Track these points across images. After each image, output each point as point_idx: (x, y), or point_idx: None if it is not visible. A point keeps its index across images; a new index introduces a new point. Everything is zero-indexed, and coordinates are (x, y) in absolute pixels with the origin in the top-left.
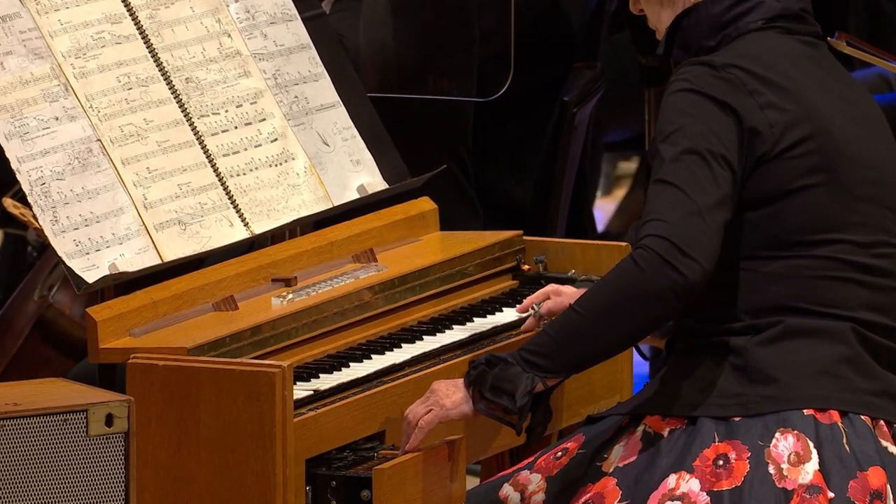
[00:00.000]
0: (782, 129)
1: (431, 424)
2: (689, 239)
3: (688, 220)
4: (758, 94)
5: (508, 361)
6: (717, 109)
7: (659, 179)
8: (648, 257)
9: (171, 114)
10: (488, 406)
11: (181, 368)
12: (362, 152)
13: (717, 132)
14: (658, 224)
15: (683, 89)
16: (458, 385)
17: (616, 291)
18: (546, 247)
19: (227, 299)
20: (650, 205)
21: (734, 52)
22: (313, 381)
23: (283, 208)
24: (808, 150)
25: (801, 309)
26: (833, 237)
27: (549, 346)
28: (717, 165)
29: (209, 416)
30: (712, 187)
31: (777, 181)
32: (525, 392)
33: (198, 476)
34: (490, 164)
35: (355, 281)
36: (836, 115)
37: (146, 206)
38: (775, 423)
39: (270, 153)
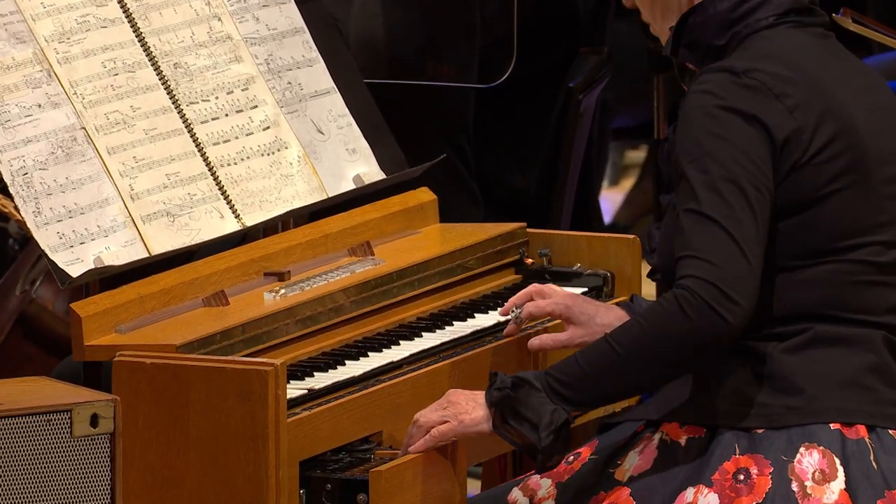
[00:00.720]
0: (812, 131)
1: (445, 437)
2: (734, 283)
3: (732, 262)
4: (785, 96)
5: (534, 386)
6: (746, 125)
7: (694, 210)
8: (695, 304)
9: (159, 101)
10: (508, 432)
11: (169, 366)
12: (358, 141)
13: (748, 153)
14: (701, 265)
15: (707, 104)
16: (479, 401)
17: (658, 335)
18: (550, 239)
19: (218, 294)
20: (688, 240)
21: (753, 54)
22: (307, 379)
23: (275, 199)
24: (837, 153)
25: (831, 316)
26: (862, 240)
27: (579, 379)
28: (753, 192)
29: (199, 417)
30: (751, 221)
31: (808, 188)
32: (550, 429)
33: (187, 479)
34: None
35: (351, 275)
36: (860, 110)
37: (133, 196)
38: (800, 437)
39: (262, 142)
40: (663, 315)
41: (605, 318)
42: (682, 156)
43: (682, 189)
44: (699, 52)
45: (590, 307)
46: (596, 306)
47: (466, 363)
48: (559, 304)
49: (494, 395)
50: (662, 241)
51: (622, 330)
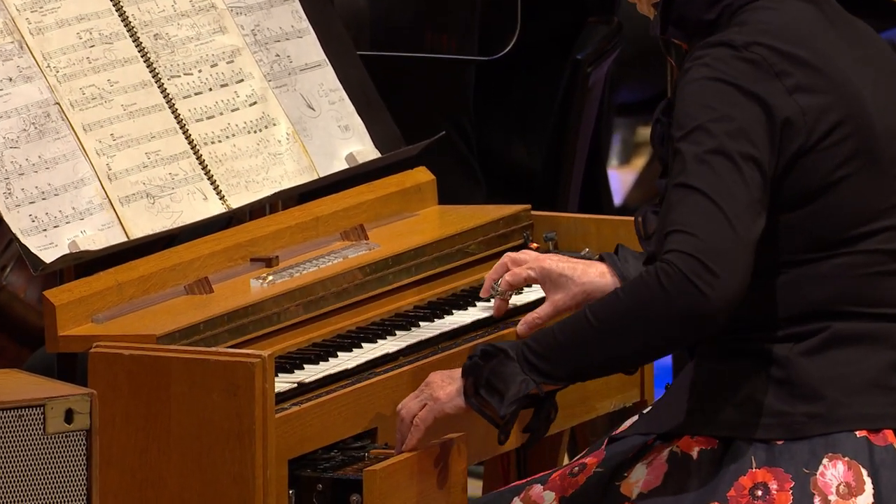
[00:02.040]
0: (816, 114)
1: (427, 422)
2: (718, 255)
3: (717, 233)
4: (785, 75)
5: (509, 355)
6: (744, 100)
7: (681, 184)
8: (673, 275)
9: (138, 74)
10: (480, 403)
11: (149, 358)
12: (351, 117)
13: (745, 129)
14: (683, 238)
15: (703, 77)
16: (454, 376)
17: (633, 308)
18: (557, 222)
19: (201, 281)
20: (673, 213)
21: (751, 28)
22: (297, 372)
23: (262, 180)
24: (845, 135)
25: (848, 312)
26: (875, 227)
27: (553, 350)
28: (746, 167)
29: (181, 412)
30: (742, 193)
31: (815, 176)
32: (514, 399)
33: (168, 479)
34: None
35: (344, 261)
36: (864, 84)
37: (110, 177)
38: (823, 447)
39: (249, 118)
40: (641, 288)
41: (585, 276)
42: (676, 129)
43: (674, 164)
44: (688, 28)
45: (568, 267)
46: (574, 264)
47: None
48: (535, 269)
49: (466, 364)
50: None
51: (601, 302)
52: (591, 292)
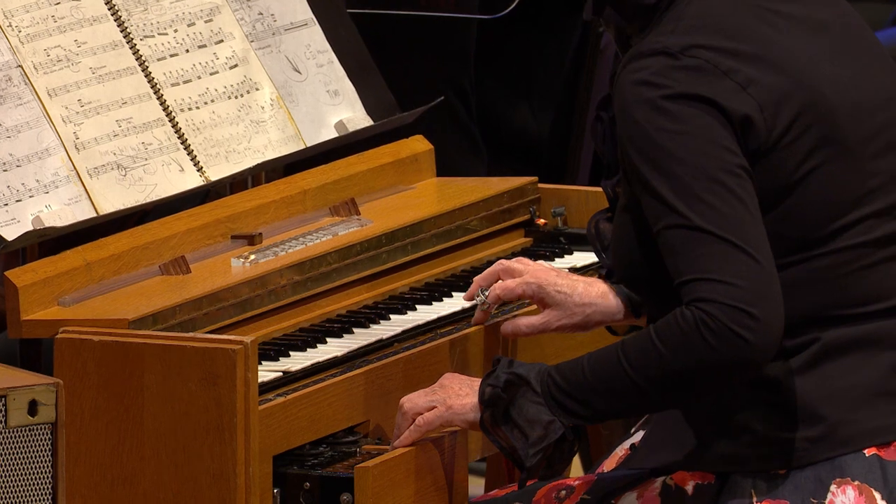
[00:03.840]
0: (773, 108)
1: (431, 426)
2: (755, 297)
3: (746, 275)
4: (734, 72)
5: (532, 387)
6: (699, 111)
7: (679, 226)
8: (717, 329)
9: (108, 34)
10: (500, 439)
11: (121, 345)
12: (341, 81)
13: (711, 139)
14: (713, 287)
15: (648, 99)
16: (474, 387)
17: (678, 364)
18: (566, 196)
19: (177, 261)
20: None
21: (686, 25)
22: (282, 360)
23: (244, 150)
24: (807, 125)
25: (836, 317)
26: (853, 217)
27: (583, 391)
28: (733, 180)
29: (155, 404)
30: (743, 214)
31: (780, 174)
32: (540, 446)
33: (141, 476)
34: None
35: (333, 238)
36: (821, 62)
37: (78, 146)
38: (829, 472)
39: (229, 82)
40: (685, 343)
41: (584, 297)
42: (638, 161)
43: (650, 204)
44: (626, 11)
45: (566, 284)
46: (573, 282)
47: (468, 341)
48: (530, 284)
49: (486, 391)
50: (616, 243)
51: (637, 350)
52: (592, 315)
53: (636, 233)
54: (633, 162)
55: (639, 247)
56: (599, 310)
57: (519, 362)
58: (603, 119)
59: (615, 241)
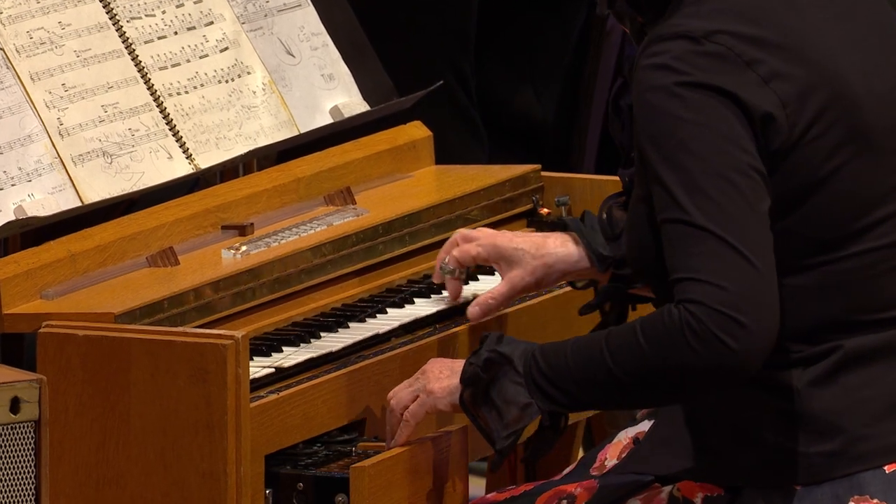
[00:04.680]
0: (797, 104)
1: (418, 417)
2: (745, 303)
3: (740, 279)
4: (757, 63)
5: (515, 367)
6: (718, 104)
7: (679, 220)
8: (700, 333)
9: (94, 15)
10: (478, 418)
11: (107, 339)
12: (336, 65)
13: (727, 135)
14: (703, 288)
15: (667, 85)
16: (455, 368)
17: (659, 363)
18: (571, 184)
19: (166, 252)
20: (681, 259)
21: (709, 8)
22: (275, 355)
23: (235, 136)
24: (831, 121)
25: (859, 323)
26: (878, 215)
27: (564, 379)
28: (743, 181)
29: (142, 401)
30: (748, 216)
31: (804, 173)
32: (514, 427)
33: (128, 476)
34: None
35: (328, 229)
36: (846, 49)
37: (62, 132)
38: (847, 489)
39: (219, 66)
40: (667, 342)
41: (541, 248)
42: (649, 149)
43: (657, 193)
44: (640, 4)
45: (523, 241)
46: (529, 237)
47: (469, 336)
48: (485, 246)
49: (468, 369)
50: (630, 234)
51: (620, 342)
52: (553, 264)
53: (651, 225)
54: (645, 149)
55: (653, 239)
56: (559, 258)
57: (508, 338)
58: (622, 108)
59: (629, 232)
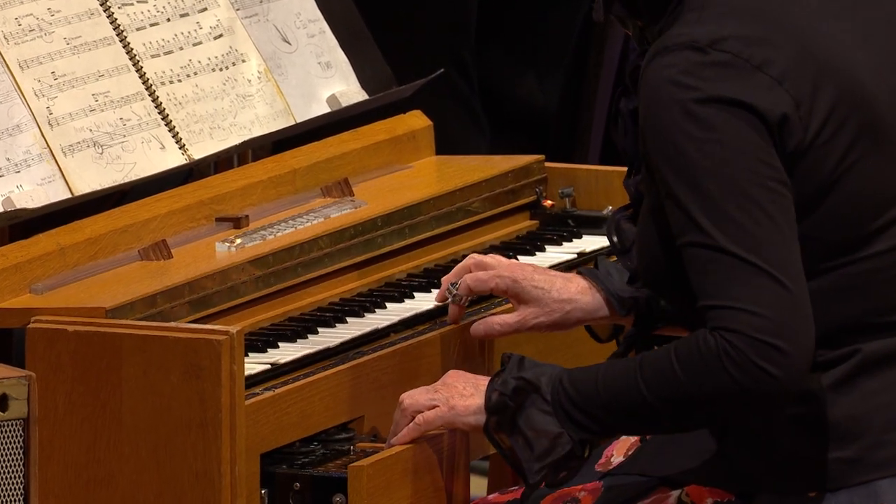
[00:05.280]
0: (809, 102)
1: (431, 425)
2: (783, 330)
3: (775, 304)
4: (767, 65)
5: (543, 395)
6: (731, 116)
7: (704, 245)
8: (741, 363)
9: (84, 2)
10: (501, 441)
11: (98, 335)
12: (334, 52)
13: (745, 149)
14: (737, 316)
15: (681, 100)
16: (479, 387)
17: (698, 394)
18: (575, 176)
19: (158, 245)
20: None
21: (711, 13)
22: (271, 351)
23: (229, 126)
24: (844, 118)
25: (878, 325)
26: (893, 215)
27: (595, 407)
28: (767, 196)
29: (134, 398)
30: (775, 235)
31: (819, 174)
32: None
33: (119, 476)
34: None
35: (325, 221)
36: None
37: (51, 122)
38: (865, 498)
39: (213, 54)
40: (705, 371)
41: (563, 292)
42: (664, 168)
43: (674, 213)
44: (638, 8)
45: (543, 279)
46: (551, 278)
47: (470, 332)
48: (504, 278)
49: (493, 397)
50: (642, 248)
51: (654, 370)
52: (570, 311)
53: (663, 238)
54: (658, 169)
55: (666, 253)
56: (579, 306)
57: (530, 362)
58: (623, 112)
59: (640, 245)
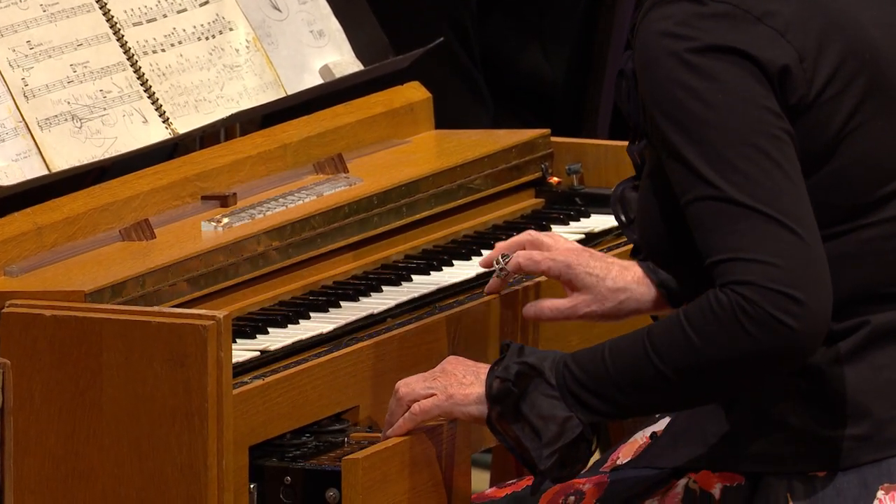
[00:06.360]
0: (814, 56)
1: (428, 415)
2: (799, 279)
3: (789, 253)
4: (769, 16)
5: (547, 379)
6: (730, 65)
7: (711, 198)
8: (756, 316)
9: None
10: (505, 432)
11: (76, 320)
12: (327, 20)
13: (747, 97)
14: (753, 267)
15: (677, 51)
16: (479, 376)
17: (712, 354)
18: (583, 151)
19: (140, 224)
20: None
21: None
22: (260, 337)
23: (216, 98)
24: (851, 75)
25: (887, 295)
26: None
27: (605, 385)
28: (773, 144)
29: (115, 387)
30: (785, 183)
31: (823, 132)
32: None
33: (100, 469)
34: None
35: (318, 199)
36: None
37: (27, 94)
38: (876, 476)
39: (199, 21)
40: (720, 331)
41: (618, 280)
42: (664, 124)
43: (678, 171)
44: None
45: (599, 266)
46: (608, 265)
47: (471, 317)
48: (557, 262)
49: (494, 384)
50: (642, 214)
51: (665, 339)
52: (625, 302)
53: (664, 202)
54: (657, 125)
55: (667, 217)
56: (634, 297)
57: (531, 349)
58: (626, 74)
59: (641, 212)
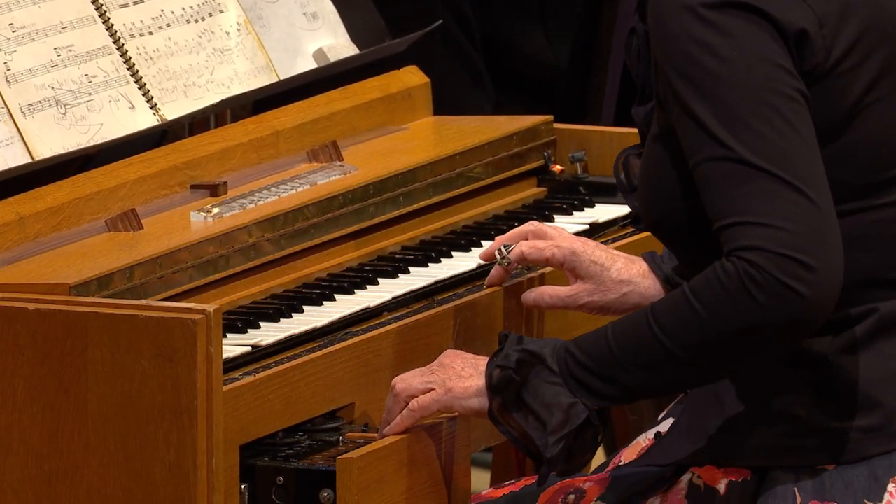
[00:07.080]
0: (835, 22)
1: (427, 411)
2: (810, 244)
3: (800, 217)
4: None
5: (549, 366)
6: (746, 22)
7: (722, 158)
8: (763, 282)
9: None
10: (508, 424)
11: (61, 314)
12: (321, 2)
13: (762, 55)
14: (761, 231)
15: (691, 6)
16: (479, 368)
17: (719, 325)
18: (587, 138)
19: (127, 214)
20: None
21: None
22: (252, 332)
23: (206, 83)
24: (872, 48)
25: (894, 281)
26: None
27: (609, 366)
28: (786, 104)
29: (101, 384)
30: (798, 144)
31: (834, 106)
32: (561, 433)
33: (85, 468)
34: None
35: (311, 188)
36: None
37: (9, 79)
38: (886, 469)
39: (188, 4)
40: (727, 302)
41: (623, 272)
42: (675, 81)
43: (689, 131)
44: None
45: (604, 256)
46: (613, 256)
47: (471, 311)
48: (562, 249)
49: (495, 374)
50: (645, 180)
51: (669, 313)
52: (629, 295)
53: (669, 167)
54: (669, 81)
55: (671, 184)
56: (638, 290)
57: (529, 338)
58: (638, 32)
59: (643, 177)
